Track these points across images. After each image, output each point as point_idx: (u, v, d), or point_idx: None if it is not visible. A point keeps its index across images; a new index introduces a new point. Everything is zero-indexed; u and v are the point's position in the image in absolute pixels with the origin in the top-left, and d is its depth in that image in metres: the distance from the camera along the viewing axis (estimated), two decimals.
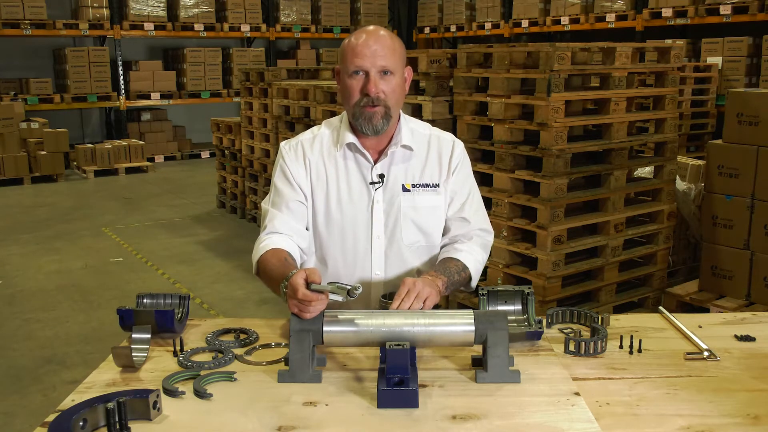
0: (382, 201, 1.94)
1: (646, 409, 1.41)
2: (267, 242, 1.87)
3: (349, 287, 1.51)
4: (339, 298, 1.52)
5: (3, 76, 10.25)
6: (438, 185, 1.97)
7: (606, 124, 3.73)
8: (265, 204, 1.99)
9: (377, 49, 1.81)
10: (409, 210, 1.94)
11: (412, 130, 1.98)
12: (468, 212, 2.00)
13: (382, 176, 1.93)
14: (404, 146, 1.94)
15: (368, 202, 1.94)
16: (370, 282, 1.97)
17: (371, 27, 1.89)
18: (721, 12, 7.65)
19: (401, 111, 1.98)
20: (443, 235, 2.02)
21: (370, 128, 1.86)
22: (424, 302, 1.65)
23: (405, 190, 1.94)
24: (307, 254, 1.98)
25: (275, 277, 1.74)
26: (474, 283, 1.97)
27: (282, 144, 2.02)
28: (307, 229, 1.96)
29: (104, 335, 4.14)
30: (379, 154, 1.95)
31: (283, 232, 1.90)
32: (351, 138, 1.92)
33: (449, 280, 1.83)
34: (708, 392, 1.48)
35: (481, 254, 1.98)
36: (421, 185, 1.96)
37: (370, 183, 1.93)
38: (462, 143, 2.05)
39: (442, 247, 2.01)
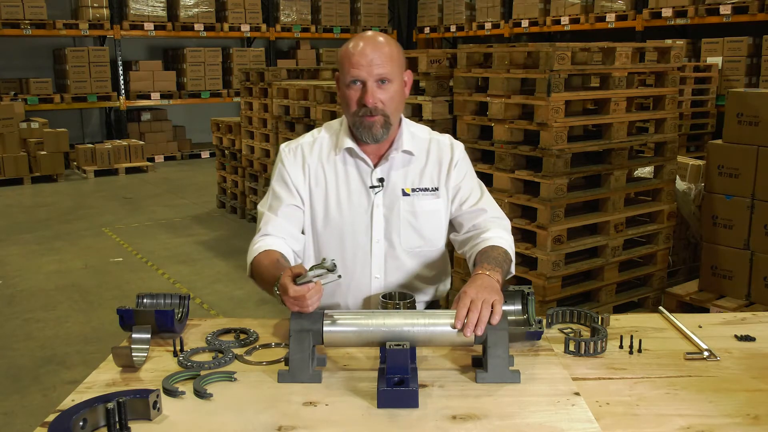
0: (381, 205, 1.93)
1: (646, 409, 1.41)
2: (260, 244, 1.85)
3: (327, 263, 1.47)
4: (328, 279, 1.49)
5: (3, 76, 10.25)
6: (437, 189, 1.96)
7: (606, 124, 3.73)
8: (261, 207, 1.98)
9: (373, 58, 1.78)
10: (408, 215, 1.93)
11: (412, 134, 1.97)
12: (475, 202, 1.96)
13: (382, 180, 1.93)
14: (405, 151, 1.93)
15: (368, 206, 1.93)
16: (369, 286, 1.96)
17: (368, 33, 1.86)
18: (721, 12, 7.65)
19: (401, 115, 1.96)
20: (459, 231, 1.98)
21: (370, 137, 1.85)
22: (492, 307, 1.53)
23: (405, 194, 1.94)
24: (301, 257, 1.97)
25: (268, 279, 1.72)
26: (512, 267, 1.89)
27: (282, 146, 2.01)
28: (303, 233, 1.95)
29: (104, 335, 4.14)
30: (379, 158, 1.94)
31: (277, 234, 1.89)
32: (349, 143, 1.91)
33: (503, 272, 1.74)
34: (708, 392, 1.48)
35: (509, 238, 1.92)
36: (420, 189, 1.94)
37: (370, 187, 1.93)
38: (461, 144, 2.03)
39: (463, 243, 1.95)
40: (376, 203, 1.93)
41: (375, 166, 1.93)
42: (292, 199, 1.93)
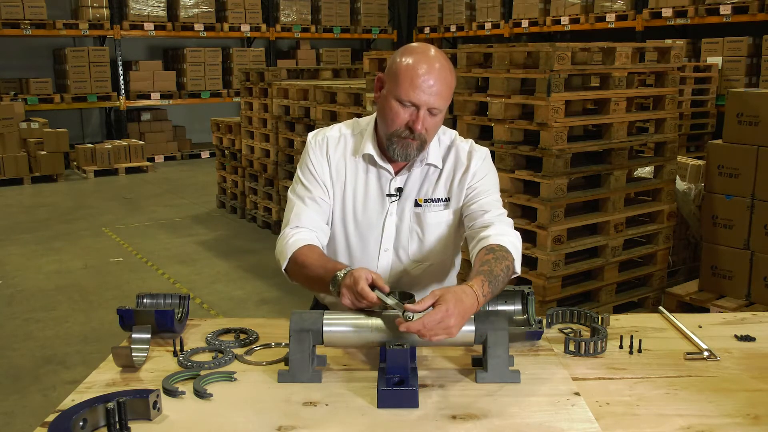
0: (395, 214, 1.91)
1: (646, 409, 1.41)
2: (297, 237, 1.83)
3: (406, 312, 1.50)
4: (395, 310, 1.51)
5: (3, 76, 10.24)
6: (449, 199, 1.92)
7: (606, 124, 3.73)
8: (290, 194, 1.95)
9: (435, 88, 1.73)
10: (416, 226, 1.91)
11: (439, 142, 1.92)
12: (483, 198, 1.89)
13: (400, 190, 1.90)
14: (429, 164, 1.90)
15: (381, 213, 1.91)
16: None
17: (432, 52, 1.78)
18: (721, 12, 7.65)
19: None
20: (466, 227, 1.91)
21: (401, 157, 1.81)
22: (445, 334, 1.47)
23: (417, 204, 1.91)
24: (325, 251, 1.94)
25: (325, 269, 1.70)
26: (518, 267, 1.76)
27: (310, 135, 1.98)
28: (327, 224, 1.93)
29: (104, 335, 4.14)
30: (401, 167, 1.90)
31: (309, 227, 1.87)
32: (371, 149, 1.88)
33: (492, 291, 1.60)
34: (708, 392, 1.48)
35: (512, 233, 1.83)
36: (432, 200, 1.91)
37: (387, 195, 1.90)
38: (484, 150, 1.95)
39: (469, 238, 1.89)
40: (390, 212, 1.90)
41: (396, 173, 1.90)
42: (318, 190, 1.91)
